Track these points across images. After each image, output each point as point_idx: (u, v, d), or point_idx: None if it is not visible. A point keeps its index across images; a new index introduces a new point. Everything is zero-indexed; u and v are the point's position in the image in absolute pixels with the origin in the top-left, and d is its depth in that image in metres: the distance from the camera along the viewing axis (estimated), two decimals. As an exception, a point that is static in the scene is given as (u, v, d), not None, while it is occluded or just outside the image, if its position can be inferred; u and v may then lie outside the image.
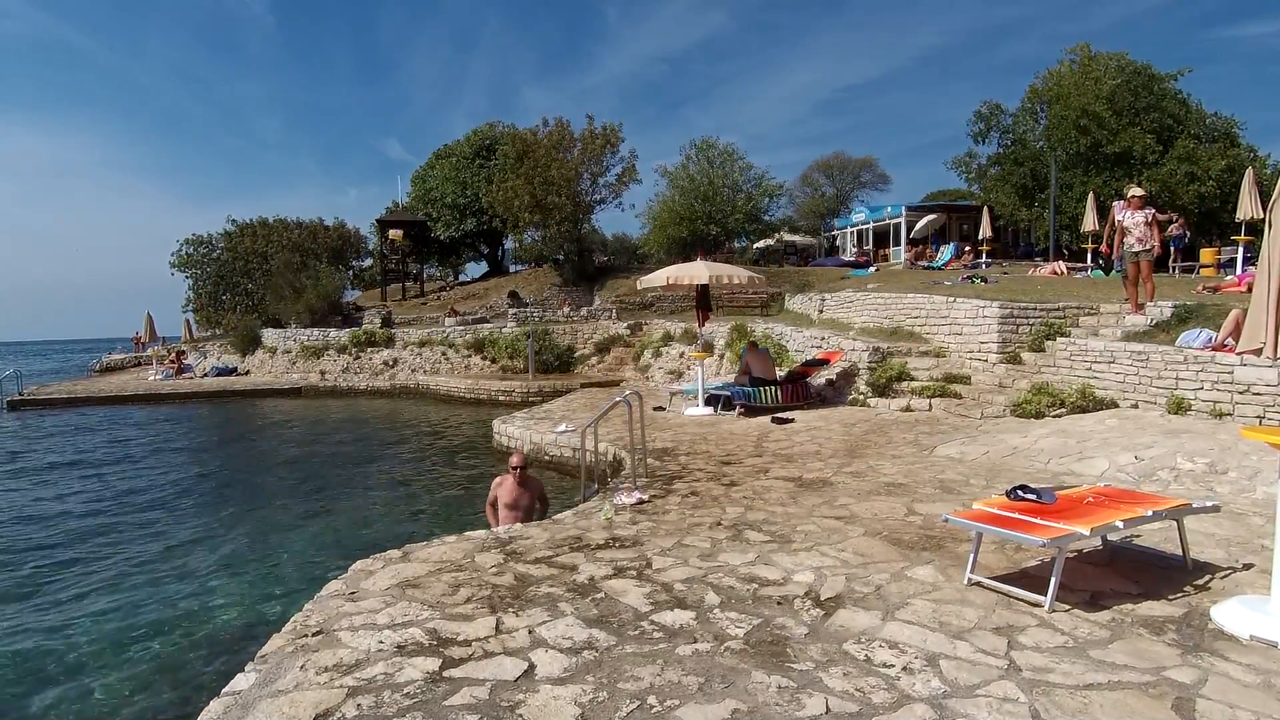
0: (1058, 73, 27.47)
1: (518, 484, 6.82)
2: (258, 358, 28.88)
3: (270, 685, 3.19)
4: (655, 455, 8.66)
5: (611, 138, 29.97)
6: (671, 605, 4.02)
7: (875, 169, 53.15)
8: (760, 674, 3.22)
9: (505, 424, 12.94)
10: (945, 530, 5.23)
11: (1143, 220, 10.63)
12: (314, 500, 10.54)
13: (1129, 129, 25.12)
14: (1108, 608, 3.91)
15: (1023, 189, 27.91)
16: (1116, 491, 4.81)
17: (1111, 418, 8.92)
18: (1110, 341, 10.10)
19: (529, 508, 6.80)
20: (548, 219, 29.71)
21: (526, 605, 4.05)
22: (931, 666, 3.27)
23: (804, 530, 5.44)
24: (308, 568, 7.50)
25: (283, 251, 35.92)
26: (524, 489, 6.83)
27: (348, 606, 4.06)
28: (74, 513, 10.23)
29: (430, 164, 41.01)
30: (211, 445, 16.50)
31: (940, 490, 6.60)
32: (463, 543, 5.34)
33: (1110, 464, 7.13)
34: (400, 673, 3.26)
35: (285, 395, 24.22)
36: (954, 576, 4.37)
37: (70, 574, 7.69)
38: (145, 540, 8.83)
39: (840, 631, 3.66)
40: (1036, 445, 8.15)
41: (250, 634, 5.77)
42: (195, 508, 10.37)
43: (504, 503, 6.79)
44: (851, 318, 16.89)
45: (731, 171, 33.45)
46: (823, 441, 9.32)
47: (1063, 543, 3.92)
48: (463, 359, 24.17)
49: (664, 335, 21.50)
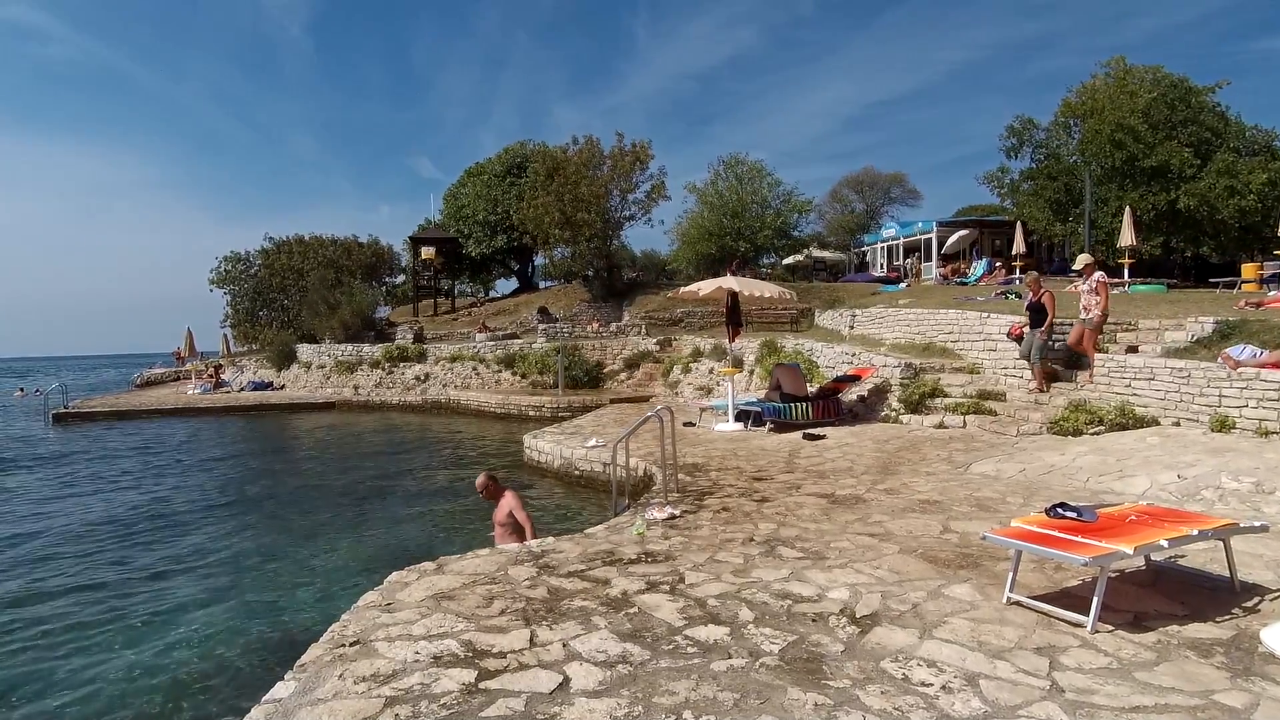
0: (1092, 86, 27.13)
1: (492, 501, 6.84)
2: (293, 372, 29.37)
3: (309, 694, 3.23)
4: (686, 471, 8.65)
5: (641, 155, 30.15)
6: (705, 621, 4.00)
7: (905, 184, 52.74)
8: (796, 691, 3.19)
9: (536, 439, 13.00)
10: (982, 548, 5.15)
11: (1087, 289, 10.52)
12: (347, 512, 10.66)
13: (1166, 143, 24.69)
14: (1152, 629, 3.83)
15: (1056, 204, 27.51)
16: (1160, 510, 4.71)
17: (1152, 435, 8.73)
18: (1150, 357, 9.90)
19: (505, 520, 6.68)
20: (577, 236, 29.92)
21: (560, 618, 4.06)
22: (971, 686, 3.22)
23: (838, 547, 5.39)
24: (341, 578, 7.58)
25: (318, 268, 36.61)
26: (498, 504, 6.80)
27: (384, 617, 4.10)
28: (111, 522, 10.44)
29: (462, 181, 41.60)
30: (247, 458, 16.77)
31: (976, 508, 6.50)
32: (496, 555, 5.37)
33: (1152, 482, 6.98)
34: (437, 683, 3.29)
35: (319, 410, 24.58)
36: (992, 595, 4.30)
37: (110, 582, 7.84)
38: (183, 550, 8.98)
39: (877, 649, 3.62)
40: (1074, 463, 8.00)
41: (287, 643, 5.83)
42: (230, 519, 10.54)
43: (495, 520, 6.83)
44: (883, 334, 16.76)
45: (760, 188, 33.46)
46: (855, 458, 9.24)
47: (1105, 561, 3.85)
48: (493, 374, 24.35)
49: (693, 351, 21.49)
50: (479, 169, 40.97)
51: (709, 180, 34.16)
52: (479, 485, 6.98)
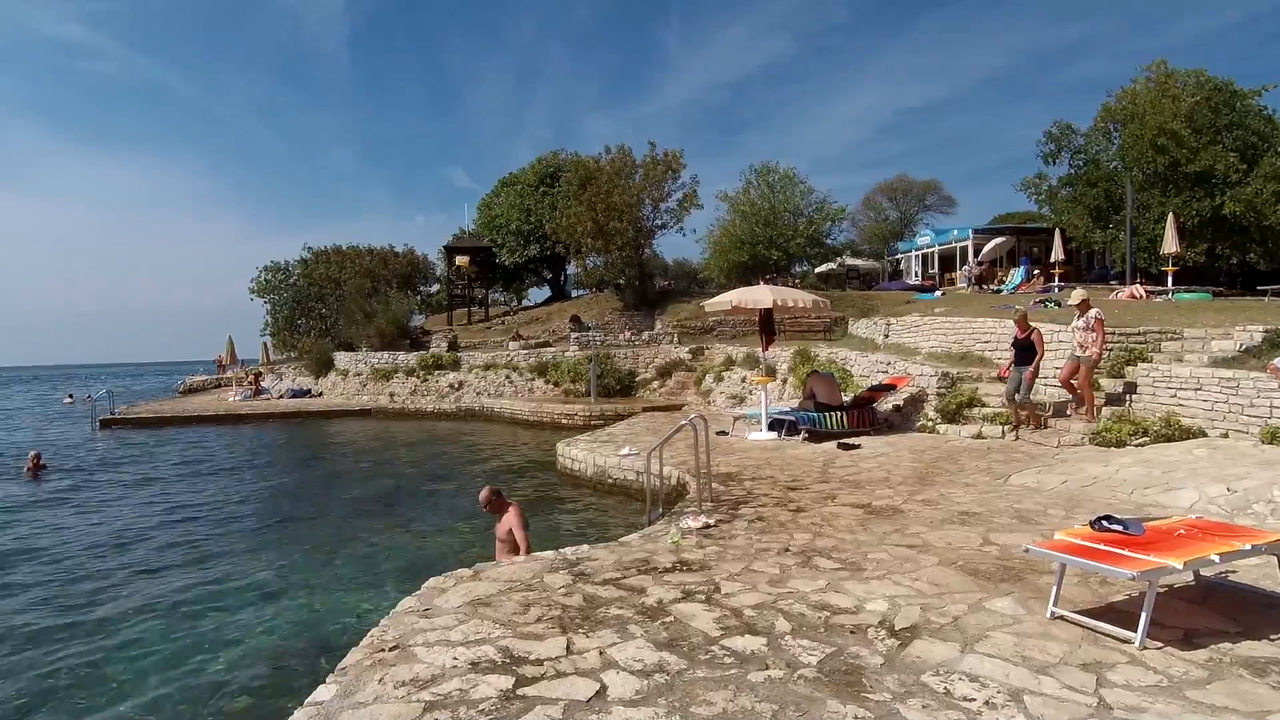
0: (1133, 91, 26.58)
1: (495, 515, 6.82)
2: (330, 380, 29.82)
3: (350, 697, 3.28)
4: (719, 480, 8.61)
5: (673, 164, 30.19)
6: (742, 631, 3.98)
7: (940, 191, 52.25)
8: (835, 703, 3.16)
9: (569, 447, 13.04)
10: (1024, 561, 5.06)
11: (1083, 325, 10.27)
12: (383, 517, 10.79)
13: (1210, 147, 24.11)
14: (1204, 646, 3.72)
15: (1096, 210, 26.99)
16: (1209, 524, 4.58)
17: (1199, 447, 8.51)
18: (1197, 367, 9.66)
19: (504, 537, 6.64)
20: (610, 244, 30.01)
21: (596, 626, 4.06)
22: (1015, 702, 3.16)
23: (875, 558, 5.33)
24: (377, 583, 7.67)
25: (355, 277, 37.20)
26: (500, 519, 6.77)
27: (422, 623, 4.14)
28: (153, 525, 10.69)
29: (496, 191, 42.02)
30: (286, 464, 17.05)
31: (1017, 520, 6.39)
32: (531, 563, 5.40)
33: (1200, 495, 6.79)
34: (475, 689, 3.31)
35: (356, 416, 24.92)
36: (1035, 609, 4.22)
37: (155, 583, 8.02)
38: (223, 552, 9.16)
39: (917, 663, 3.57)
40: (1118, 475, 7.82)
41: (326, 646, 5.92)
42: (269, 523, 10.72)
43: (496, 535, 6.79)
44: (918, 342, 16.55)
45: (793, 195, 33.27)
46: (891, 468, 9.13)
47: (1154, 576, 3.75)
48: (526, 382, 24.50)
49: (726, 360, 21.43)
50: (512, 179, 41.36)
51: (741, 188, 34.09)
52: (483, 499, 6.94)
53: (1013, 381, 10.54)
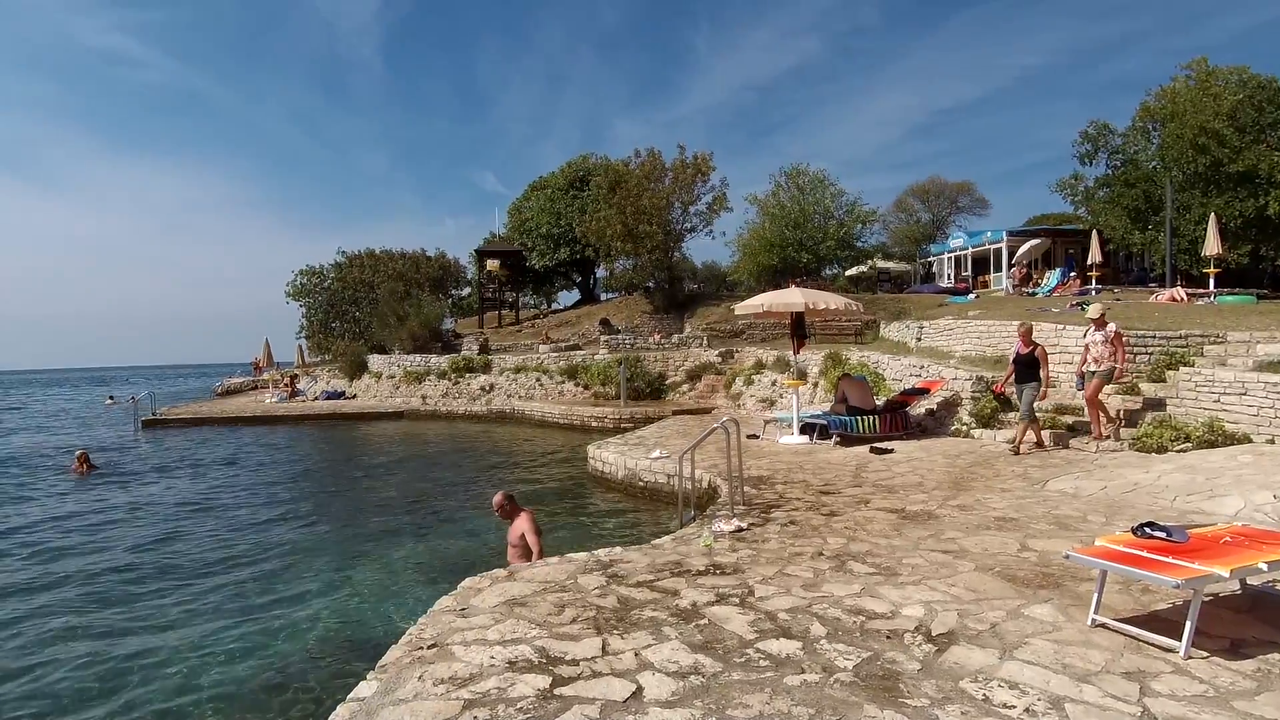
0: (1172, 89, 26.04)
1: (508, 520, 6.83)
2: (364, 382, 30.22)
3: (391, 694, 3.33)
4: (751, 483, 8.59)
5: (703, 167, 30.20)
6: (776, 634, 3.98)
7: (973, 193, 51.50)
8: (872, 708, 3.15)
9: (600, 449, 13.09)
10: (1063, 568, 4.98)
11: (1101, 339, 9.90)
12: (417, 518, 10.92)
13: (1253, 146, 23.54)
14: (1251, 657, 3.65)
15: (1135, 211, 26.47)
16: (1257, 531, 4.48)
17: (1245, 453, 8.31)
18: (1241, 372, 9.45)
19: (517, 541, 6.63)
20: (639, 248, 30.08)
21: (631, 628, 4.09)
22: (1056, 709, 3.12)
23: (910, 563, 5.28)
24: (414, 582, 7.77)
25: (387, 281, 37.67)
26: (512, 524, 6.77)
27: (459, 622, 4.20)
28: (196, 524, 10.93)
29: (526, 195, 42.34)
30: (322, 465, 17.32)
31: (1056, 526, 6.29)
32: (565, 564, 5.44)
33: (1245, 503, 6.64)
34: (513, 688, 3.35)
35: (389, 418, 25.23)
36: (1075, 616, 4.16)
37: (192, 583, 8.20)
38: (261, 549, 9.33)
39: (955, 669, 3.54)
40: (1160, 481, 7.67)
41: (365, 644, 6.02)
42: (306, 522, 10.91)
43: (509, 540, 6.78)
44: (952, 346, 16.37)
45: (823, 198, 33.06)
46: (925, 473, 9.04)
47: (1199, 584, 3.68)
48: (556, 385, 24.63)
49: (756, 363, 21.36)
50: (542, 183, 41.66)
51: (770, 191, 33.95)
52: (496, 504, 6.96)
53: (1026, 403, 10.05)
